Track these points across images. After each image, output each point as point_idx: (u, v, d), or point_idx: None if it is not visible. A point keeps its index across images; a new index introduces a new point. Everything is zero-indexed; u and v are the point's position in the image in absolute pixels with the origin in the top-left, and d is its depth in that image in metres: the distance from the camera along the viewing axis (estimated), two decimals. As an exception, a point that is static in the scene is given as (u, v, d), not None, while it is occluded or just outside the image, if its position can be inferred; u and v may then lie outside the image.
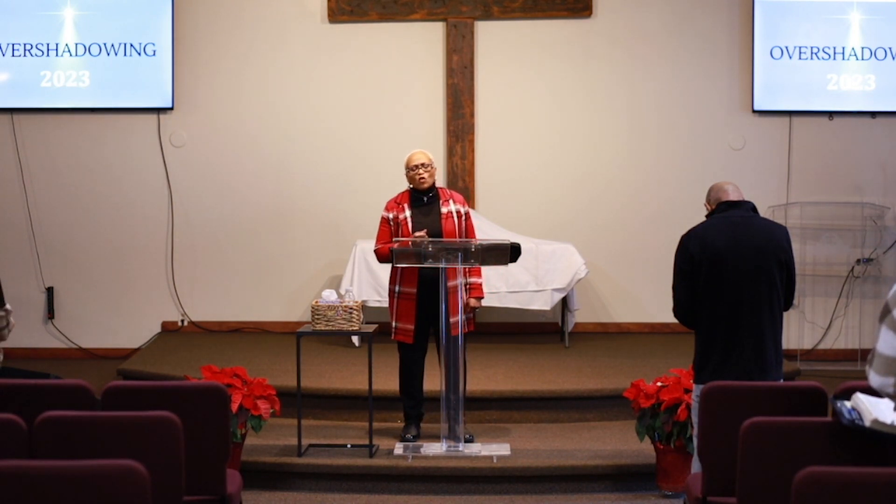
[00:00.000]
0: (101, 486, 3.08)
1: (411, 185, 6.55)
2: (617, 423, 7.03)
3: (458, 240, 6.38)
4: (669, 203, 9.27)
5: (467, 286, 6.53)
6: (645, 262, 9.31)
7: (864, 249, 9.30)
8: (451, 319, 6.34)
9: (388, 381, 7.10)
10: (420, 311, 6.45)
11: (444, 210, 6.54)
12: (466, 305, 6.49)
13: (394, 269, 6.50)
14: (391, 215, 6.54)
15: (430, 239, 6.29)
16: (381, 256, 6.52)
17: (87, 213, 9.40)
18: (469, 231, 6.59)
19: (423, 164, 6.48)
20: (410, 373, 6.61)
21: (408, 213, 6.50)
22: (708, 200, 5.28)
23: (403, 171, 6.55)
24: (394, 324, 6.53)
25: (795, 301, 5.33)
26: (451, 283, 6.37)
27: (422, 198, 6.54)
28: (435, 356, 6.56)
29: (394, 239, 6.40)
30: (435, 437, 6.50)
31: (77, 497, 3.07)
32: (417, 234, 6.37)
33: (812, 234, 9.32)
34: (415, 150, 6.65)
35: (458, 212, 6.56)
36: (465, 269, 6.45)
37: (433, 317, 6.40)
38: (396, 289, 6.51)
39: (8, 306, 5.32)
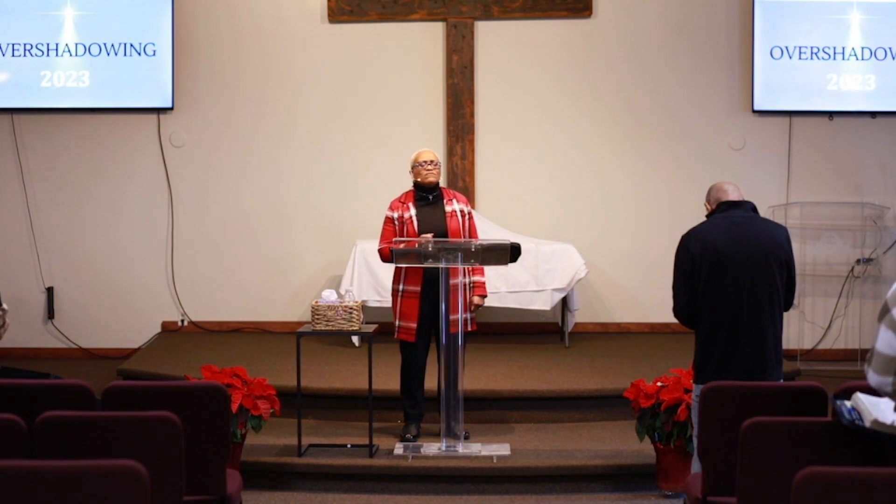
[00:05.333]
0: (101, 486, 3.08)
1: (417, 180, 6.59)
2: (617, 423, 7.03)
3: (458, 239, 6.39)
4: (669, 203, 9.27)
5: (470, 285, 6.55)
6: (645, 262, 9.31)
7: (864, 249, 9.29)
8: (453, 317, 6.36)
9: (388, 381, 7.10)
10: (423, 310, 6.45)
11: (448, 209, 6.58)
12: (469, 304, 6.52)
13: (397, 268, 6.51)
14: (396, 214, 6.56)
15: (436, 239, 6.30)
16: (385, 256, 6.51)
17: (87, 212, 9.40)
18: (472, 230, 6.63)
19: (430, 161, 6.57)
20: (411, 372, 6.61)
21: (413, 211, 6.53)
22: (708, 200, 5.28)
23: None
24: (396, 322, 6.54)
25: (795, 301, 5.33)
26: (453, 282, 6.40)
27: (427, 196, 6.58)
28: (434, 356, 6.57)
29: (397, 238, 6.42)
30: (435, 437, 6.50)
31: (77, 497, 3.07)
32: (424, 236, 6.37)
33: (812, 234, 9.32)
34: (421, 148, 6.75)
35: (461, 211, 6.60)
36: (467, 267, 6.48)
37: (436, 315, 6.41)
38: (400, 287, 6.52)
39: (5, 306, 5.32)
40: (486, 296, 6.67)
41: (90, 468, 3.09)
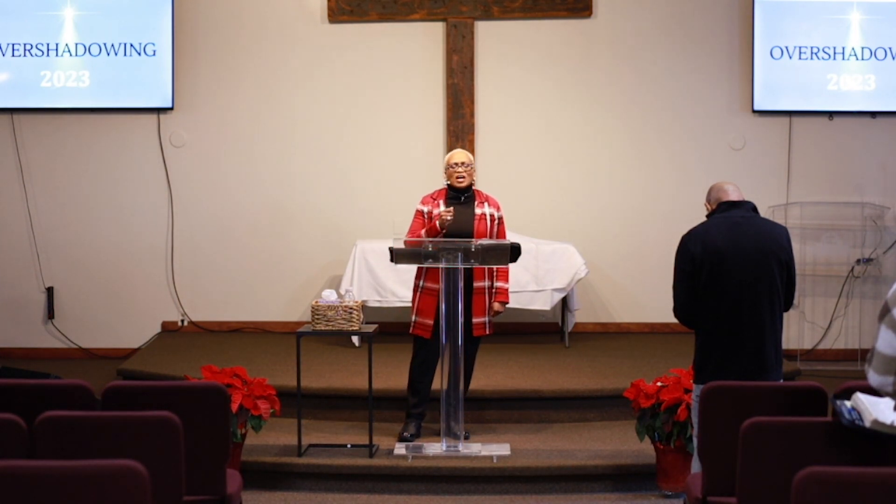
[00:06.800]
0: (101, 486, 3.08)
1: (448, 183, 6.60)
2: (617, 423, 7.03)
3: (458, 239, 6.37)
4: (669, 203, 9.27)
5: (493, 290, 6.56)
6: (645, 262, 9.31)
7: (864, 249, 9.29)
8: (475, 320, 6.44)
9: (388, 380, 7.10)
10: (440, 309, 6.43)
11: (478, 212, 6.57)
12: (489, 309, 6.53)
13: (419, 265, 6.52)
14: (426, 209, 6.57)
15: (461, 239, 6.31)
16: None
17: (87, 212, 9.39)
18: (500, 236, 6.62)
19: (462, 163, 6.56)
20: (422, 369, 6.60)
21: (442, 209, 6.52)
22: (708, 200, 5.28)
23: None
24: (413, 317, 6.55)
25: (795, 301, 5.33)
26: (477, 285, 6.45)
27: (459, 196, 6.58)
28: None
29: (408, 240, 6.43)
30: (435, 436, 6.50)
31: (77, 497, 3.07)
32: (444, 210, 6.36)
33: (812, 234, 9.32)
34: (456, 149, 6.85)
35: (491, 215, 6.60)
36: (491, 272, 6.49)
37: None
38: (420, 283, 6.54)
39: None
40: (507, 302, 6.68)
41: (90, 468, 3.09)
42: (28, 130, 9.33)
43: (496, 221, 6.61)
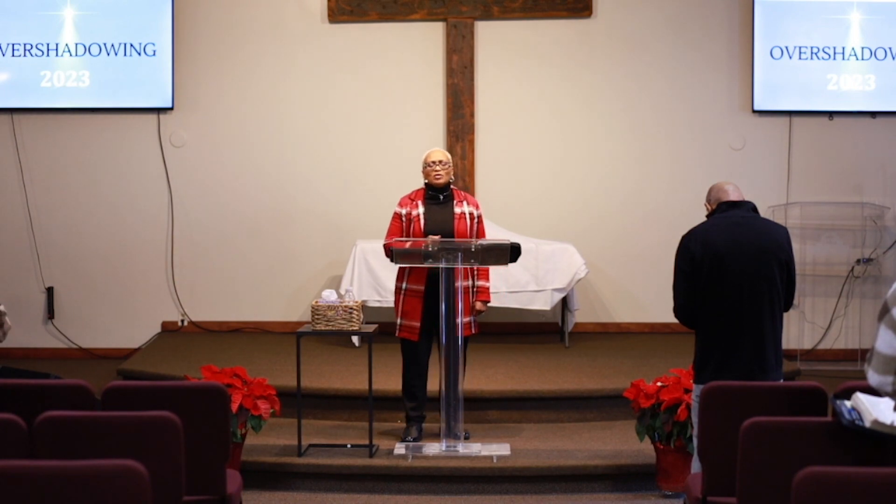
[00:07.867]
0: (101, 486, 3.08)
1: (426, 181, 6.59)
2: (617, 423, 7.03)
3: (459, 239, 6.37)
4: (669, 203, 9.27)
5: (474, 289, 6.55)
6: (645, 262, 9.31)
7: (864, 249, 9.29)
8: (457, 320, 6.37)
9: (388, 381, 7.10)
10: (426, 310, 6.44)
11: (457, 210, 6.56)
12: (472, 308, 6.51)
13: (401, 266, 6.51)
14: (404, 211, 6.56)
15: (442, 239, 6.29)
16: (390, 253, 6.50)
17: (87, 213, 9.39)
18: (480, 234, 6.61)
19: (439, 161, 6.54)
20: (414, 372, 6.59)
21: (421, 209, 6.52)
22: (708, 200, 5.28)
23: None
24: (398, 321, 6.53)
25: (795, 301, 5.33)
26: (456, 284, 6.39)
27: (437, 196, 6.57)
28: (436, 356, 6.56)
29: (403, 237, 6.42)
30: (435, 437, 6.50)
31: (77, 497, 3.07)
32: (431, 237, 6.36)
33: (812, 234, 9.32)
34: (431, 148, 6.83)
35: (470, 213, 6.58)
36: (472, 271, 6.48)
37: (438, 315, 6.40)
38: (403, 286, 6.52)
39: (1, 307, 5.31)
40: (489, 301, 6.66)
41: (90, 468, 3.09)
42: (28, 130, 9.33)
43: (475, 220, 6.60)
